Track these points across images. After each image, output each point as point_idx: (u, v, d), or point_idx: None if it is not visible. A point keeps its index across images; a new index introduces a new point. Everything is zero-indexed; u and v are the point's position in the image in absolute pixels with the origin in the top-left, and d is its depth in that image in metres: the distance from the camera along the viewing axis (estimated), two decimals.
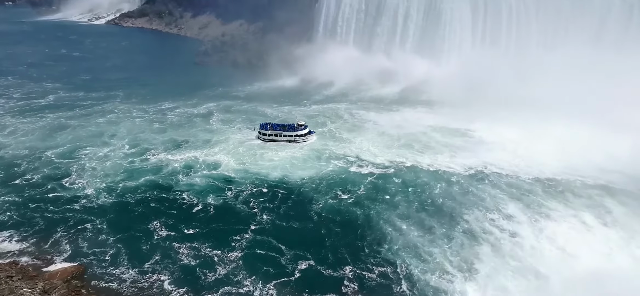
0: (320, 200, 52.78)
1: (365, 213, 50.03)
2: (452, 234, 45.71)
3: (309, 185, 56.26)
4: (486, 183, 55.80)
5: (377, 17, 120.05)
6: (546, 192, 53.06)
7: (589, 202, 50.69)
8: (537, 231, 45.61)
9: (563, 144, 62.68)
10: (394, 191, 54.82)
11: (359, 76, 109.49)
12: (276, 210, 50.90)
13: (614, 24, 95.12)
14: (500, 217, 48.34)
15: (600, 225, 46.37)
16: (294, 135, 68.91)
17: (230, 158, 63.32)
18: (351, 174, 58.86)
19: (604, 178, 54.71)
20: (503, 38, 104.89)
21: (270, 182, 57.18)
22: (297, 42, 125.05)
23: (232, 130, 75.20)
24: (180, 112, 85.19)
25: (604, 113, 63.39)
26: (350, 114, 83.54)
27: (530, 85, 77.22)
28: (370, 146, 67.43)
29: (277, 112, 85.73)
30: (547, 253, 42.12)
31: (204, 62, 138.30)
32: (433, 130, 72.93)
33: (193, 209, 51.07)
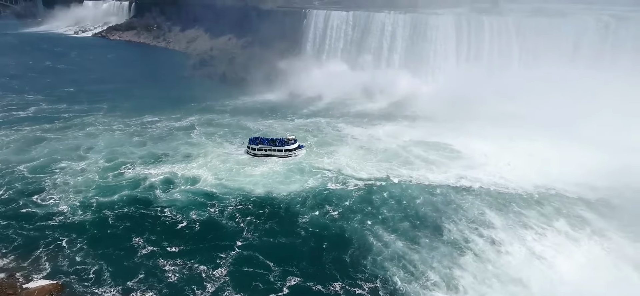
0: (307, 214, 52.81)
1: (351, 227, 50.20)
2: (435, 244, 46.49)
3: (295, 200, 56.23)
4: (468, 196, 56.73)
5: (365, 34, 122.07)
6: (527, 204, 54.23)
7: (569, 214, 51.88)
8: (517, 241, 46.60)
9: (543, 158, 64.20)
10: (378, 204, 55.25)
11: (347, 91, 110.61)
12: (262, 225, 50.65)
13: (589, 43, 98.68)
14: (482, 228, 49.34)
15: (581, 236, 47.52)
16: (283, 150, 68.88)
17: (212, 173, 62.79)
18: (335, 188, 59.09)
19: (583, 191, 56.09)
20: (485, 56, 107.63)
21: (255, 197, 56.86)
22: (285, 57, 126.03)
23: (214, 144, 74.72)
24: (162, 125, 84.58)
25: (580, 129, 65.32)
26: (332, 128, 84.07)
27: (511, 101, 79.50)
28: (351, 160, 67.71)
29: (260, 126, 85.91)
30: (528, 263, 43.16)
31: (191, 75, 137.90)
32: (416, 145, 73.80)
33: (177, 225, 50.42)
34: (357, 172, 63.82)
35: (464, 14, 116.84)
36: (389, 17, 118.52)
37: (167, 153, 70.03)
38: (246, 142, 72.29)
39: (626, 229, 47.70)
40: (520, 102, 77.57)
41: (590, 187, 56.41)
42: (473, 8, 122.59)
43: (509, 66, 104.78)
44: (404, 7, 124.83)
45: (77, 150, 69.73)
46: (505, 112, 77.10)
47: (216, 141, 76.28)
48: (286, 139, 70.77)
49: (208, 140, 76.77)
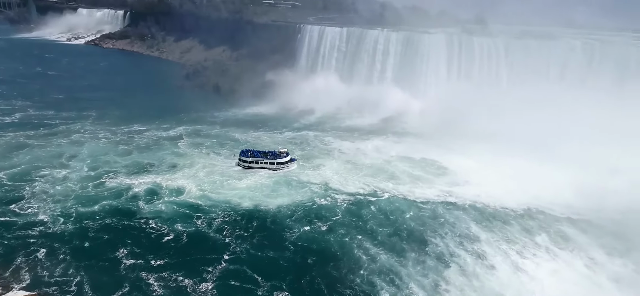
0: (295, 228, 52.47)
1: (339, 241, 50.05)
2: (422, 258, 46.94)
3: (283, 214, 55.89)
4: (454, 211, 57.28)
5: (358, 49, 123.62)
6: (511, 221, 55.04)
7: (551, 230, 52.71)
8: (501, 256, 47.40)
9: (527, 176, 65.11)
10: (366, 218, 55.30)
11: (339, 105, 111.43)
12: (250, 238, 50.12)
13: (576, 64, 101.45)
14: (467, 242, 49.98)
15: (563, 252, 48.47)
16: (275, 163, 68.51)
17: (198, 185, 62.04)
18: (323, 202, 58.92)
19: (565, 209, 57.03)
20: (475, 75, 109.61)
21: (242, 210, 56.28)
22: (279, 71, 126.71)
23: (201, 154, 73.97)
24: (150, 134, 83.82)
25: (563, 148, 66.57)
26: (321, 142, 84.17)
27: (499, 119, 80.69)
28: (338, 175, 67.68)
29: (248, 137, 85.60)
30: (512, 278, 44.05)
31: (184, 85, 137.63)
32: (403, 160, 74.24)
33: (162, 237, 49.56)
34: (345, 186, 63.84)
35: (455, 33, 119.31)
36: (382, 34, 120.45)
37: (153, 163, 69.14)
38: (236, 153, 71.88)
39: (606, 246, 48.98)
40: (507, 121, 78.90)
41: (572, 205, 57.41)
42: (464, 29, 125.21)
43: (497, 85, 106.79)
44: (396, 25, 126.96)
45: (60, 158, 68.49)
46: (492, 129, 78.22)
47: (203, 152, 75.60)
48: (278, 152, 70.50)
49: (195, 150, 76.04)
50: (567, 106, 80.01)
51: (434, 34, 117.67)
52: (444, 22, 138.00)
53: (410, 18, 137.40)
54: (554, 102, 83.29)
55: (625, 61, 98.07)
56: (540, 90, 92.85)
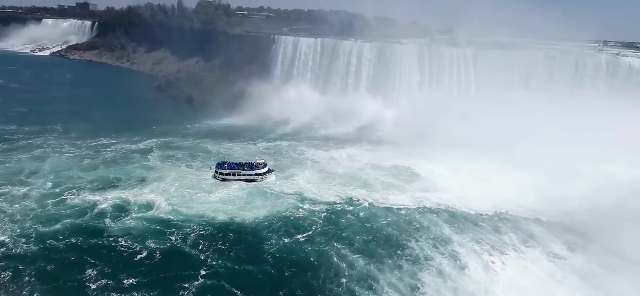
0: (272, 240, 51.85)
1: (317, 250, 49.87)
2: (399, 262, 47.71)
3: (260, 226, 55.07)
4: (427, 216, 58.43)
5: (332, 59, 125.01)
6: (482, 223, 56.69)
7: (521, 232, 54.60)
8: (474, 258, 48.83)
9: (496, 181, 67.28)
10: (342, 226, 55.43)
11: (314, 115, 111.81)
12: (227, 252, 48.96)
13: (539, 73, 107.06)
14: (441, 246, 51.17)
15: (533, 252, 50.35)
16: (252, 174, 67.64)
17: (169, 199, 60.05)
18: (299, 212, 58.56)
19: (533, 212, 59.13)
20: (446, 83, 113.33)
21: (217, 223, 54.91)
22: (253, 81, 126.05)
23: (172, 167, 71.99)
24: (118, 148, 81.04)
25: (529, 154, 69.42)
26: (295, 152, 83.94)
27: (469, 126, 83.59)
28: (312, 184, 67.37)
29: (221, 149, 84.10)
30: (482, 275, 45.69)
31: (155, 97, 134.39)
32: (378, 168, 75.01)
33: (134, 256, 47.46)
34: (319, 195, 63.70)
35: (426, 44, 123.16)
36: (356, 44, 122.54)
37: (120, 177, 66.66)
38: (212, 166, 70.48)
39: (571, 244, 51.49)
40: (476, 127, 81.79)
41: (538, 206, 59.68)
42: (434, 39, 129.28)
43: (467, 93, 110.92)
44: (368, 36, 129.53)
45: (19, 175, 64.82)
46: (462, 136, 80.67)
47: (175, 165, 73.55)
48: (255, 163, 69.58)
49: (166, 163, 73.84)
50: (531, 112, 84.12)
51: (405, 44, 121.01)
52: (414, 32, 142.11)
53: (382, 28, 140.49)
54: (520, 108, 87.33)
55: (582, 68, 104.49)
56: (507, 98, 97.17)
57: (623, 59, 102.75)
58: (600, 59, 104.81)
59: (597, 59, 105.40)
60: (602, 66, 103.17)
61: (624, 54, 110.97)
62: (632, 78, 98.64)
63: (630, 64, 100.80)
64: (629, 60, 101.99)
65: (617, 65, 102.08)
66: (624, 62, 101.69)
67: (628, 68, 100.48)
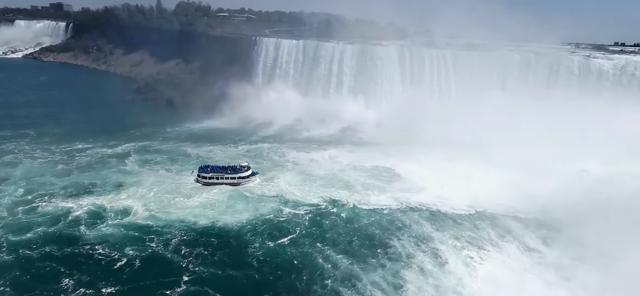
0: (256, 243, 51.54)
1: (301, 252, 49.88)
2: (382, 261, 48.35)
3: (243, 229, 54.62)
4: (409, 215, 59.40)
5: (315, 61, 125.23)
6: (461, 220, 58.17)
7: (499, 229, 56.12)
8: (454, 253, 50.27)
9: (476, 178, 68.95)
10: (326, 227, 55.65)
11: (297, 117, 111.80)
12: (210, 257, 48.31)
13: (515, 73, 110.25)
14: (422, 242, 52.31)
15: (511, 248, 51.93)
16: (236, 177, 66.83)
17: (147, 204, 58.72)
18: (281, 214, 58.41)
19: (511, 209, 60.72)
20: (427, 84, 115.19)
21: (199, 228, 54.09)
22: (235, 83, 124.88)
23: (151, 172, 70.46)
24: (94, 152, 78.86)
25: (506, 152, 71.31)
26: (276, 154, 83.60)
27: (449, 126, 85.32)
28: (294, 186, 67.27)
29: (201, 152, 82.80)
30: (463, 270, 47.07)
31: (134, 100, 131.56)
32: (360, 169, 75.50)
33: (113, 264, 46.26)
34: (302, 197, 63.68)
35: (406, 45, 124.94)
36: (338, 46, 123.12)
37: (95, 183, 64.81)
38: (194, 170, 69.29)
39: (546, 239, 53.31)
40: (456, 127, 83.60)
41: (515, 204, 61.46)
42: (414, 41, 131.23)
43: (447, 94, 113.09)
44: (350, 38, 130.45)
45: None
46: (442, 136, 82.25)
47: (153, 169, 71.95)
48: (239, 166, 68.80)
49: (144, 168, 72.14)
50: (508, 112, 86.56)
51: (386, 46, 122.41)
52: (392, 34, 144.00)
53: (362, 30, 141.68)
54: (497, 109, 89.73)
55: (556, 70, 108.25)
56: (485, 98, 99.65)
57: (593, 61, 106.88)
58: (572, 61, 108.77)
59: (569, 60, 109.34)
60: (575, 68, 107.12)
61: (595, 56, 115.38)
62: (602, 79, 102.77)
63: (600, 66, 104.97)
64: (599, 62, 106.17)
65: (588, 67, 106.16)
66: (595, 64, 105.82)
67: (598, 70, 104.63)
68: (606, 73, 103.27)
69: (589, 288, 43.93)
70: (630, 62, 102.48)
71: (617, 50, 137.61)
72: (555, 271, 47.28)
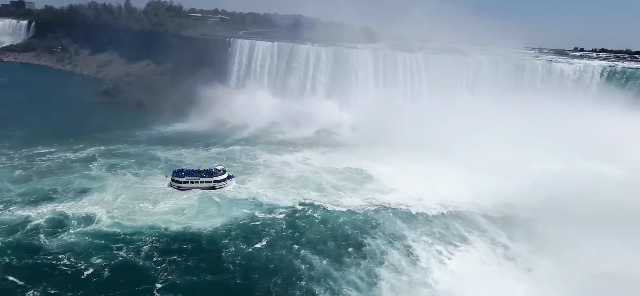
0: (232, 247, 50.72)
1: (277, 255, 49.65)
2: (357, 260, 49.14)
3: (217, 234, 53.56)
4: (382, 213, 60.59)
5: (290, 63, 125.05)
6: (433, 219, 59.82)
7: (469, 226, 58.16)
8: (426, 251, 51.77)
9: (447, 179, 70.88)
10: (301, 229, 55.60)
11: (273, 120, 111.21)
12: (184, 263, 47.07)
13: (484, 76, 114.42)
14: (396, 241, 53.53)
15: (481, 244, 53.82)
16: (212, 181, 65.46)
17: (112, 210, 56.45)
18: (256, 218, 57.75)
19: (482, 207, 62.87)
20: (400, 87, 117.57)
21: (171, 233, 52.57)
22: (208, 85, 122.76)
23: (117, 177, 67.92)
24: (56, 157, 75.24)
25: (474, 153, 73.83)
26: (249, 157, 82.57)
27: (421, 128, 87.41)
28: (267, 189, 66.81)
29: (169, 155, 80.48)
30: (435, 267, 48.71)
31: (102, 102, 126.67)
32: (332, 171, 75.70)
33: (80, 274, 44.06)
34: (276, 200, 63.22)
35: (380, 49, 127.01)
36: (313, 49, 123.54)
37: (56, 189, 61.61)
38: (168, 174, 67.20)
39: (515, 236, 55.43)
40: (428, 130, 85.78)
41: (484, 203, 63.62)
42: (387, 45, 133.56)
43: (420, 96, 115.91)
44: (324, 41, 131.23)
45: None
46: (415, 138, 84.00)
47: (119, 173, 69.25)
48: (214, 170, 67.44)
49: (109, 173, 69.27)
50: (477, 113, 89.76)
51: (360, 49, 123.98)
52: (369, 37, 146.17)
53: (337, 33, 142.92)
54: (467, 111, 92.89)
55: (521, 73, 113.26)
56: (455, 100, 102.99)
57: (556, 65, 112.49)
58: (536, 65, 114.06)
59: (534, 65, 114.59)
60: (539, 71, 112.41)
61: (557, 60, 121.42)
62: (564, 82, 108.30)
63: (562, 70, 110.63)
64: (560, 66, 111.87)
65: (551, 71, 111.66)
66: (557, 68, 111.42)
67: (560, 73, 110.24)
68: (567, 76, 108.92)
69: (550, 277, 46.49)
70: (589, 66, 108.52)
71: (577, 55, 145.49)
72: (519, 263, 49.82)
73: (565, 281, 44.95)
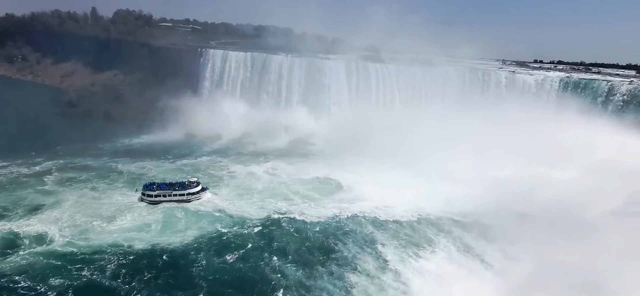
0: (203, 262, 49.36)
1: (250, 266, 49.02)
2: (330, 267, 49.48)
3: (188, 248, 52.06)
4: (353, 221, 61.28)
5: (263, 74, 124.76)
6: (404, 226, 60.89)
7: (438, 231, 59.90)
8: (396, 256, 52.96)
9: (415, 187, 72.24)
10: (273, 240, 55.15)
11: (246, 130, 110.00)
12: (154, 281, 45.29)
13: (452, 88, 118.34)
14: (367, 247, 54.53)
15: (451, 248, 55.65)
16: (185, 194, 63.58)
17: (66, 229, 53.49)
18: (227, 230, 56.53)
19: (448, 213, 64.55)
20: (373, 97, 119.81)
21: (137, 251, 50.21)
22: (180, 96, 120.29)
23: (76, 192, 64.76)
24: (9, 171, 71.35)
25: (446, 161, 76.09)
26: (218, 168, 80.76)
27: (393, 138, 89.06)
28: (236, 200, 65.82)
29: (131, 168, 77.73)
30: (406, 270, 50.03)
31: (66, 113, 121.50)
32: (304, 181, 75.69)
33: None
34: (247, 211, 62.26)
35: (353, 60, 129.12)
36: (286, 59, 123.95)
37: (5, 206, 58.14)
38: (139, 188, 64.79)
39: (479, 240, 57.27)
40: (398, 139, 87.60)
41: (452, 209, 65.52)
42: (360, 56, 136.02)
43: (392, 106, 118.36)
44: (297, 51, 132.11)
45: None
46: (386, 148, 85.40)
47: (77, 188, 65.97)
48: (187, 182, 65.61)
49: (65, 187, 65.80)
50: (446, 123, 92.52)
51: (334, 59, 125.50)
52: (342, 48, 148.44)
53: (311, 44, 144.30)
54: (436, 120, 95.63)
55: (487, 84, 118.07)
56: (426, 111, 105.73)
57: (518, 76, 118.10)
58: (500, 76, 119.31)
59: (498, 75, 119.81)
60: (503, 82, 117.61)
61: (519, 71, 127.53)
62: (526, 92, 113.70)
63: (524, 80, 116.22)
64: (522, 77, 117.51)
65: (514, 81, 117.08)
66: (519, 79, 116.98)
67: (522, 83, 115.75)
68: (529, 86, 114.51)
69: (514, 278, 48.58)
70: (548, 77, 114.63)
71: (537, 67, 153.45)
72: (486, 266, 51.89)
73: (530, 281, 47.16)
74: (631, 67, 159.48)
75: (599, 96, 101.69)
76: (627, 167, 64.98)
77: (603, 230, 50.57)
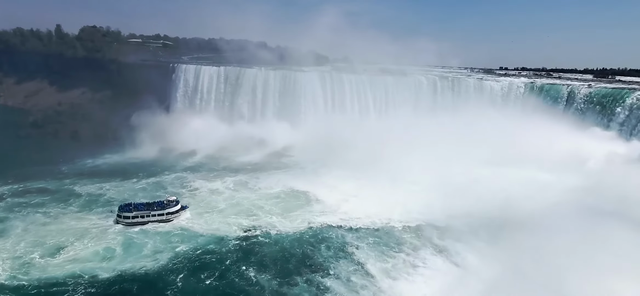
0: (178, 283, 47.86)
1: (227, 283, 48.22)
2: (307, 277, 49.77)
3: (163, 270, 50.34)
4: (332, 232, 61.31)
5: (237, 88, 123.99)
6: (380, 233, 61.54)
7: (415, 236, 60.78)
8: (372, 262, 53.67)
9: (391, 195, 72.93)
10: (249, 254, 54.60)
11: (222, 145, 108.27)
12: None
13: (424, 96, 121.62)
14: (343, 256, 54.96)
15: (425, 252, 56.50)
16: (165, 213, 61.61)
17: (10, 261, 49.93)
18: (202, 249, 55.14)
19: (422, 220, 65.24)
20: (348, 107, 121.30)
21: (103, 280, 47.52)
22: (153, 112, 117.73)
23: (24, 218, 61.28)
24: None
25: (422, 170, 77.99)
26: (184, 185, 78.82)
27: (368, 147, 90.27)
28: (204, 217, 64.50)
29: (93, 189, 74.51)
30: (380, 277, 50.56)
31: (31, 134, 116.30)
32: (279, 194, 75.13)
33: None
34: (216, 228, 60.79)
35: (327, 71, 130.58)
36: (261, 72, 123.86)
37: None
38: (114, 210, 62.38)
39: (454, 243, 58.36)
40: (373, 148, 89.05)
41: (427, 217, 66.11)
42: (333, 67, 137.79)
43: (367, 116, 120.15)
44: (271, 64, 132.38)
45: None
46: (361, 157, 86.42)
47: (28, 214, 62.34)
48: (166, 201, 63.74)
49: (14, 213, 62.18)
50: (419, 130, 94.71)
51: (308, 71, 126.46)
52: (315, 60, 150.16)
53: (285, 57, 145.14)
54: (409, 128, 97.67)
55: (457, 91, 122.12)
56: (399, 119, 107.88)
57: (485, 83, 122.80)
58: (469, 83, 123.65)
59: (467, 83, 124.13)
60: (471, 89, 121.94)
61: (486, 78, 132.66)
62: (493, 98, 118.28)
63: (491, 87, 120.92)
64: (490, 83, 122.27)
65: (482, 88, 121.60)
66: (487, 85, 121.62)
67: (490, 90, 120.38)
68: (496, 93, 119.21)
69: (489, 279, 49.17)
70: (513, 84, 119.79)
71: (502, 74, 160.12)
72: (461, 268, 52.70)
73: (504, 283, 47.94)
74: (588, 71, 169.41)
75: (560, 99, 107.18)
76: (585, 166, 68.58)
77: (556, 228, 53.00)
